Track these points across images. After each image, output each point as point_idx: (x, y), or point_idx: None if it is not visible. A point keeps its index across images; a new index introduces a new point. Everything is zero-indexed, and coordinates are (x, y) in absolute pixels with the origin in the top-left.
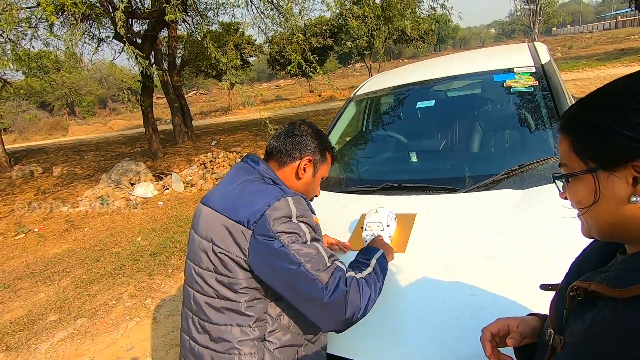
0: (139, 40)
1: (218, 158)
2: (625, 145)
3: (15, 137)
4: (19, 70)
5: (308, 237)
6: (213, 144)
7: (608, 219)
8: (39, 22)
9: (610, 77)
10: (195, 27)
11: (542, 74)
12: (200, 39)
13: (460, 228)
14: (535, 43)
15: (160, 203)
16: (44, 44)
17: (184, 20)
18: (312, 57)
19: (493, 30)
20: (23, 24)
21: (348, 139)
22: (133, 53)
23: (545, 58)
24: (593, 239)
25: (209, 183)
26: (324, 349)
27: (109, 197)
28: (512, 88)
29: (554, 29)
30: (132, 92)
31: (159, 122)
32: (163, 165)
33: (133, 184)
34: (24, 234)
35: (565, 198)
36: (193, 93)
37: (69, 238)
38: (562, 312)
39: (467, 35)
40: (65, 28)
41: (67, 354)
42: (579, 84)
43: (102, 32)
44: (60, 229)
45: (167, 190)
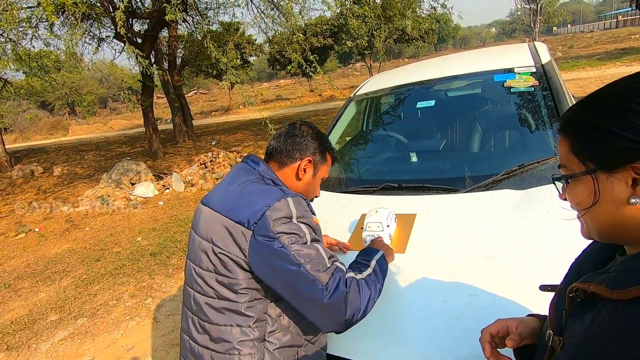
0: (139, 40)
1: (218, 158)
2: (625, 147)
3: (16, 136)
4: (20, 70)
5: (308, 237)
6: (213, 144)
7: (607, 221)
8: (40, 21)
9: (611, 76)
10: (196, 26)
11: (542, 74)
12: (201, 39)
13: (460, 228)
14: (536, 43)
15: (161, 203)
16: (45, 44)
17: (184, 20)
18: (312, 56)
19: (494, 30)
20: (23, 24)
21: (348, 139)
22: (133, 53)
23: (546, 58)
24: (592, 240)
25: (210, 183)
26: (324, 350)
27: (110, 196)
28: (512, 88)
29: (555, 29)
30: (132, 91)
31: (160, 121)
32: (163, 165)
33: (133, 184)
34: (25, 234)
35: (565, 199)
36: (193, 93)
37: (70, 238)
38: (561, 313)
39: (467, 35)
40: (66, 28)
41: (67, 354)
42: (580, 84)
43: (102, 31)
44: (61, 229)
45: (167, 190)
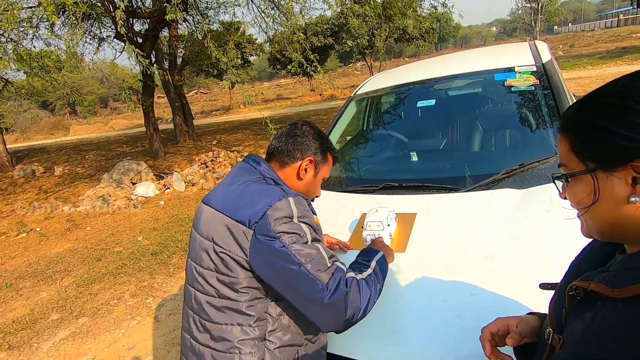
0: (140, 40)
1: (219, 157)
2: (625, 146)
3: (17, 136)
4: (21, 70)
5: (309, 237)
6: (214, 143)
7: (607, 219)
8: (40, 21)
9: (612, 75)
10: (196, 26)
11: (543, 73)
12: (201, 38)
13: (461, 227)
14: (537, 42)
15: (162, 202)
16: (45, 44)
17: (185, 20)
18: (312, 55)
19: (494, 29)
20: (24, 24)
21: (349, 138)
22: (134, 52)
23: (546, 57)
24: (592, 239)
25: (210, 182)
26: (324, 349)
27: (110, 196)
28: (512, 87)
29: (556, 27)
30: (133, 91)
31: (160, 121)
32: (164, 165)
33: (134, 184)
34: (26, 234)
35: (565, 198)
36: (194, 92)
37: (71, 237)
38: (561, 311)
39: (468, 34)
40: (66, 28)
41: (68, 353)
42: (581, 83)
43: (103, 31)
44: (62, 229)
45: (168, 190)
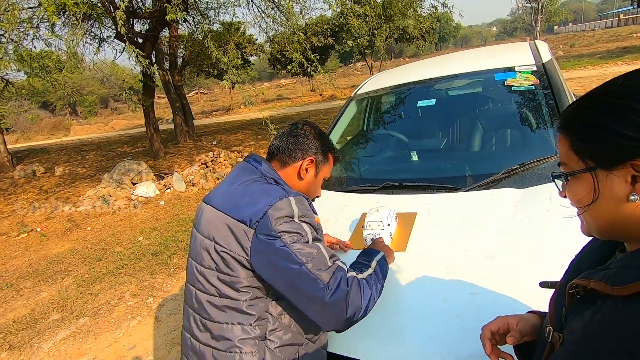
0: (140, 40)
1: (219, 157)
2: (624, 144)
3: (18, 137)
4: (21, 71)
5: (310, 236)
6: (214, 144)
7: (607, 218)
8: (41, 22)
9: (613, 75)
10: (196, 26)
11: (543, 73)
12: (202, 39)
13: (461, 227)
14: (537, 41)
15: (162, 202)
16: (46, 44)
17: (185, 20)
18: (313, 56)
19: (495, 29)
20: (25, 24)
21: (349, 138)
22: (134, 52)
23: (547, 56)
24: (592, 237)
25: (211, 182)
26: (325, 348)
27: (111, 196)
28: (513, 87)
29: (556, 27)
30: (133, 91)
31: (161, 121)
32: (164, 165)
33: (135, 184)
34: (27, 234)
35: (565, 197)
36: (194, 92)
37: (71, 237)
38: (561, 309)
39: (468, 34)
40: (67, 28)
41: (69, 353)
42: (581, 82)
43: (103, 32)
44: (63, 229)
45: (168, 190)
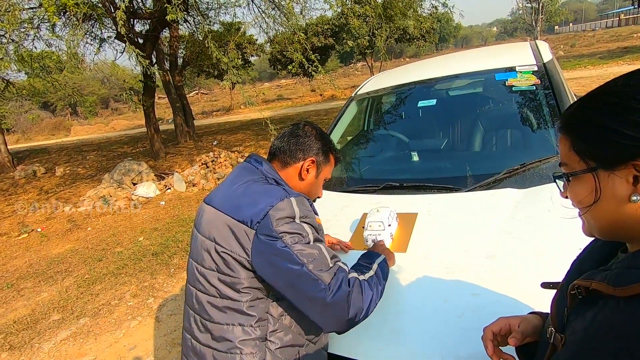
0: (141, 41)
1: (220, 158)
2: (626, 145)
3: (18, 137)
4: (22, 71)
5: (311, 237)
6: (215, 144)
7: (609, 218)
8: (41, 22)
9: (613, 75)
10: (197, 26)
11: (544, 73)
12: (202, 39)
13: (462, 227)
14: (537, 41)
15: (162, 203)
16: (46, 45)
17: (186, 20)
18: (313, 56)
19: (495, 29)
20: (25, 25)
21: (349, 139)
22: (134, 53)
23: (547, 56)
24: (594, 238)
25: (211, 182)
26: (325, 349)
27: (111, 197)
28: (513, 87)
29: (557, 27)
30: (134, 92)
31: (161, 122)
32: (165, 165)
33: (135, 184)
34: (27, 234)
35: (566, 197)
36: (195, 93)
37: (72, 238)
38: (563, 310)
39: (469, 34)
40: (67, 28)
41: (70, 353)
42: (582, 82)
43: (103, 32)
44: (63, 229)
45: (169, 190)
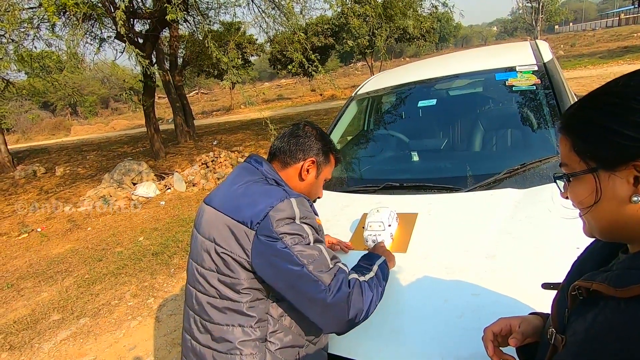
0: (141, 40)
1: (220, 157)
2: (626, 145)
3: (18, 137)
4: (22, 71)
5: (311, 238)
6: (215, 144)
7: (609, 219)
8: (41, 22)
9: (613, 75)
10: (197, 26)
11: (544, 73)
12: (202, 39)
13: (462, 227)
14: (538, 41)
15: (162, 203)
16: (46, 44)
17: (185, 20)
18: (313, 55)
19: (495, 29)
20: (25, 25)
21: (349, 139)
22: (134, 52)
23: (548, 56)
24: (595, 239)
25: (211, 182)
26: (325, 350)
27: (111, 196)
28: (514, 87)
29: (557, 27)
30: (134, 92)
31: (161, 121)
32: (165, 165)
33: (135, 184)
34: (27, 234)
35: (567, 198)
36: (195, 92)
37: (72, 238)
38: (564, 311)
39: (469, 34)
40: (67, 28)
41: (70, 353)
42: (582, 82)
43: (103, 32)
44: (63, 229)
45: (169, 190)
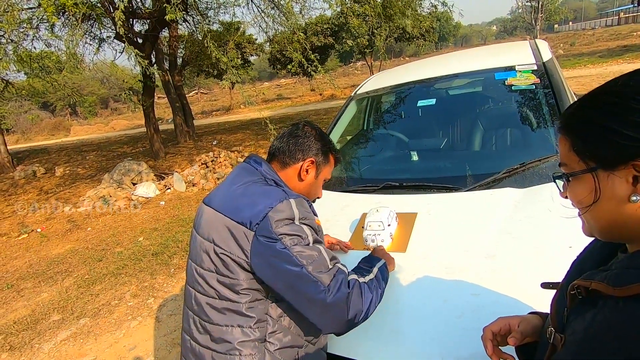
0: (140, 40)
1: (219, 157)
2: (625, 145)
3: (18, 137)
4: (21, 71)
5: (310, 239)
6: (214, 144)
7: (608, 218)
8: (40, 22)
9: (613, 74)
10: (196, 26)
11: (543, 72)
12: (201, 39)
13: (462, 227)
14: (537, 40)
15: (162, 203)
16: (46, 45)
17: (185, 20)
18: (313, 55)
19: (495, 28)
20: (24, 25)
21: (349, 138)
22: (133, 52)
23: (547, 55)
24: (594, 238)
25: (211, 182)
26: (324, 350)
27: (111, 197)
28: (513, 86)
29: (556, 26)
30: (133, 92)
31: (161, 121)
32: (165, 165)
33: (135, 184)
34: (27, 234)
35: (566, 197)
36: (194, 92)
37: (72, 238)
38: (563, 310)
39: (468, 33)
40: (67, 28)
41: (70, 354)
42: (582, 81)
43: (103, 32)
44: (63, 229)
45: (168, 190)
